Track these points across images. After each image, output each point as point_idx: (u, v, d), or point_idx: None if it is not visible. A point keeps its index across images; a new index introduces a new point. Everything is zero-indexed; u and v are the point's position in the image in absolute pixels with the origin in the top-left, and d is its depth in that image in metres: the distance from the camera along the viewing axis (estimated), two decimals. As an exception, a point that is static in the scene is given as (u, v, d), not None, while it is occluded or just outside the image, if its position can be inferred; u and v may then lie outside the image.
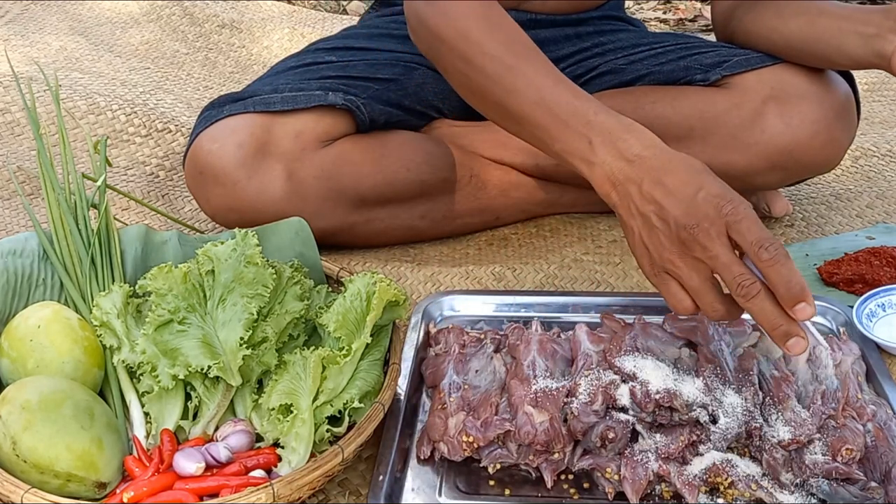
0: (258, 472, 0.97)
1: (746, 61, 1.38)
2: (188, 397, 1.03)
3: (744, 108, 1.35)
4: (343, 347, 1.03)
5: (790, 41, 1.35)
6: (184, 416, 1.03)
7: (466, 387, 1.04)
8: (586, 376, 1.00)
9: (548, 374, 1.04)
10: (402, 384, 1.09)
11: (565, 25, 1.55)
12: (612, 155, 1.01)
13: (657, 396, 0.96)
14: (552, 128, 1.06)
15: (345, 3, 3.06)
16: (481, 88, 1.13)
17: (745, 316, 0.96)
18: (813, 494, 0.95)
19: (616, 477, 0.97)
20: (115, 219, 1.28)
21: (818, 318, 1.22)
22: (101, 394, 1.06)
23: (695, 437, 0.97)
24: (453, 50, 1.14)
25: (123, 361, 1.04)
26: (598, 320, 1.14)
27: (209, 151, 1.32)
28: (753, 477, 0.94)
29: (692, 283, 0.94)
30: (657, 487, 0.97)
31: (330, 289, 1.17)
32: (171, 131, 1.81)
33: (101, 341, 1.07)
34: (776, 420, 0.97)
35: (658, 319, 1.12)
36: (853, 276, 1.32)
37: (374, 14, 1.67)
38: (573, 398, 0.98)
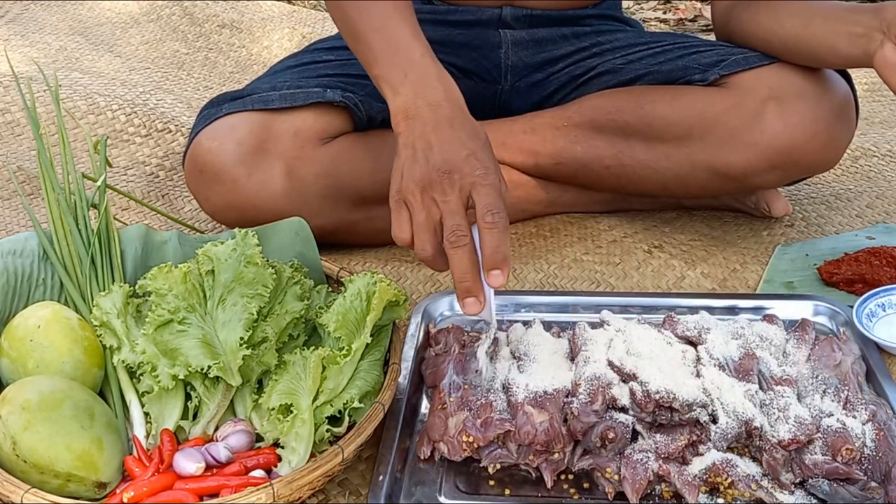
0: (258, 472, 0.97)
1: (745, 60, 1.38)
2: (188, 397, 1.03)
3: (743, 108, 1.35)
4: (343, 347, 1.03)
5: (785, 42, 1.35)
6: (184, 416, 1.03)
7: (466, 387, 1.04)
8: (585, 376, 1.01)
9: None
10: (403, 384, 1.09)
11: (562, 24, 1.55)
12: (417, 93, 1.10)
13: (657, 396, 0.96)
14: (379, 52, 1.16)
15: (345, 3, 3.05)
16: (344, 8, 1.22)
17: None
18: (813, 494, 0.95)
19: (616, 477, 0.97)
20: (115, 219, 1.28)
21: (818, 318, 1.22)
22: (101, 394, 1.06)
23: (695, 437, 0.97)
24: None
25: (123, 361, 1.04)
26: (599, 320, 1.14)
27: (209, 150, 1.32)
28: (753, 477, 0.94)
29: (418, 217, 1.01)
30: (657, 487, 0.97)
31: (330, 289, 1.17)
32: (171, 131, 1.81)
33: (101, 341, 1.07)
34: (776, 420, 0.97)
35: (658, 319, 1.12)
36: (853, 276, 1.32)
37: (371, 15, 1.67)
38: (573, 398, 0.98)
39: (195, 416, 1.03)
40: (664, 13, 3.10)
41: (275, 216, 1.23)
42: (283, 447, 0.99)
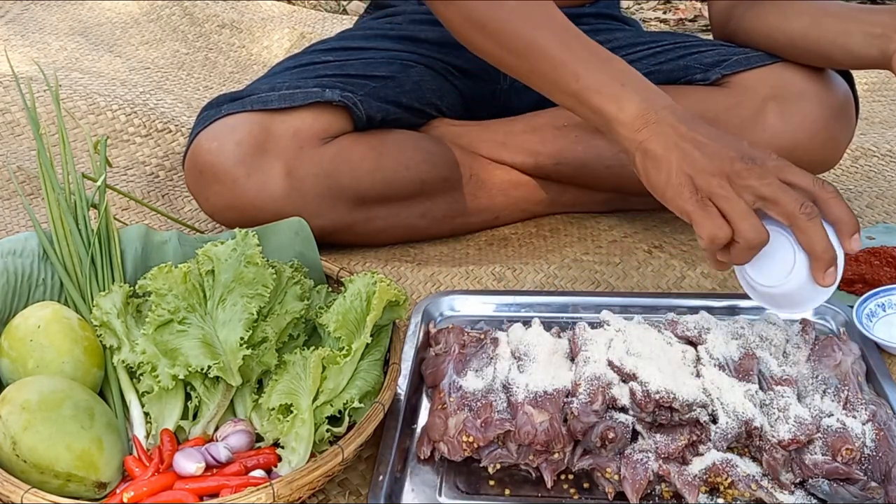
0: (258, 472, 0.97)
1: (746, 60, 1.38)
2: (188, 397, 1.03)
3: (744, 108, 1.35)
4: (343, 347, 1.03)
5: (793, 40, 1.35)
6: (184, 416, 1.03)
7: (466, 387, 1.04)
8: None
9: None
10: (402, 384, 1.09)
11: None
12: (645, 98, 1.05)
13: (657, 396, 0.96)
14: (580, 65, 1.09)
15: (345, 3, 3.06)
16: (499, 20, 1.14)
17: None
18: (813, 494, 0.95)
19: (616, 477, 0.97)
20: (115, 219, 1.28)
21: (816, 319, 1.22)
22: (101, 394, 1.06)
23: (695, 437, 0.97)
24: None
25: (123, 361, 1.04)
26: (599, 320, 1.14)
27: (208, 150, 1.32)
28: (753, 477, 0.94)
29: (737, 206, 0.97)
30: (657, 487, 0.97)
31: (330, 289, 1.17)
32: (171, 131, 1.81)
33: (101, 341, 1.07)
34: (776, 420, 0.97)
35: (658, 319, 1.12)
36: (853, 276, 1.32)
37: (368, 17, 1.67)
38: (573, 398, 0.98)
39: (195, 416, 1.03)
40: (664, 13, 3.10)
41: (274, 216, 1.23)
42: (283, 447, 0.99)
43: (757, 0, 1.41)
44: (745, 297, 1.27)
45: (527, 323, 1.13)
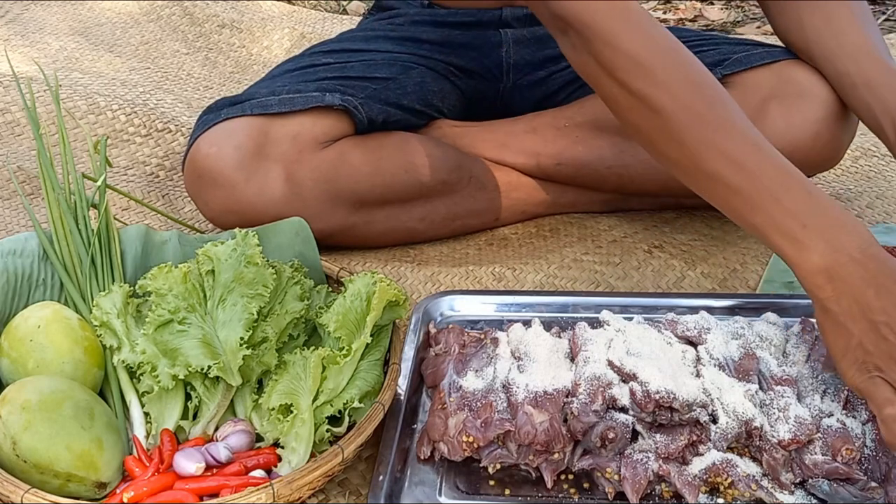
0: (258, 472, 0.97)
1: (747, 59, 1.38)
2: (188, 397, 1.03)
3: (746, 107, 1.34)
4: (343, 347, 1.03)
5: (839, 80, 1.33)
6: (184, 416, 1.03)
7: (466, 387, 1.04)
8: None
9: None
10: (402, 384, 1.09)
11: None
12: (830, 245, 0.92)
13: (657, 396, 0.96)
14: (755, 197, 0.95)
15: (345, 3, 3.06)
16: (668, 136, 0.99)
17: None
18: (813, 494, 0.95)
19: (616, 477, 0.97)
20: (115, 219, 1.28)
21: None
22: (101, 394, 1.06)
23: (695, 437, 0.97)
24: (626, 85, 1.00)
25: (123, 361, 1.04)
26: (599, 320, 1.14)
27: (207, 154, 1.32)
28: (753, 477, 0.94)
29: None
30: (657, 487, 0.97)
31: (330, 289, 1.17)
32: (171, 131, 1.81)
33: (101, 341, 1.07)
34: (776, 420, 0.97)
35: (658, 319, 1.12)
36: (853, 276, 1.32)
37: (370, 19, 1.67)
38: (573, 398, 0.98)
39: (195, 416, 1.03)
40: (664, 13, 3.10)
41: (274, 220, 1.23)
42: (283, 447, 0.99)
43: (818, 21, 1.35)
44: (744, 296, 1.28)
45: (527, 323, 1.12)
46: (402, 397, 1.08)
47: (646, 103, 0.99)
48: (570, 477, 1.00)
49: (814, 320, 1.19)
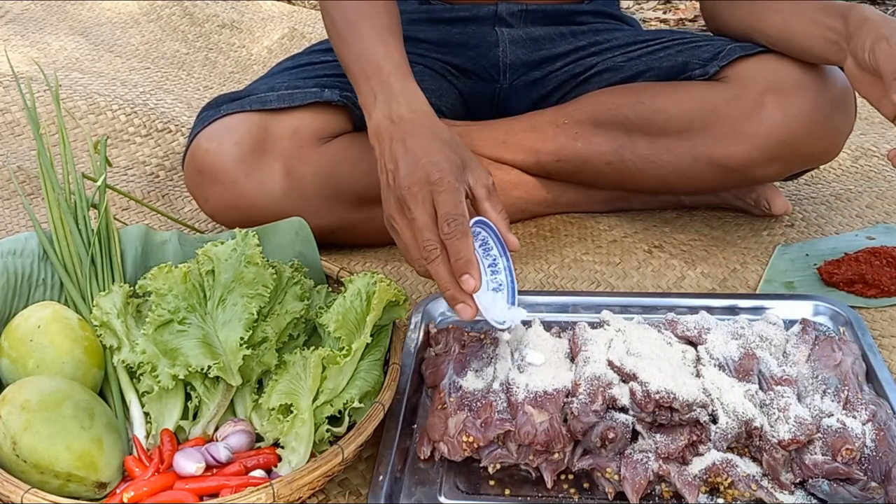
0: (258, 472, 0.97)
1: (741, 48, 1.39)
2: (188, 397, 1.03)
3: (743, 100, 1.36)
4: (343, 347, 1.03)
5: (770, 39, 1.37)
6: (184, 416, 1.03)
7: (466, 387, 1.04)
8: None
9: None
10: (403, 384, 1.09)
11: (558, 21, 1.55)
12: (383, 112, 1.14)
13: (657, 396, 0.96)
14: (358, 81, 1.21)
15: (345, 3, 3.06)
16: (333, 38, 1.28)
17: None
18: (813, 494, 0.95)
19: (616, 477, 0.97)
20: (115, 219, 1.28)
21: (818, 318, 1.22)
22: (101, 394, 1.06)
23: (695, 437, 0.97)
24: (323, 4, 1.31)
25: (123, 361, 1.04)
26: (599, 320, 1.14)
27: (207, 150, 1.32)
28: (753, 477, 0.94)
29: (404, 238, 1.05)
30: (657, 487, 0.97)
31: (330, 289, 1.17)
32: (171, 131, 1.81)
33: (101, 341, 1.07)
34: (776, 420, 0.97)
35: (658, 319, 1.12)
36: (853, 276, 1.32)
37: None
38: (573, 398, 0.98)
39: (195, 416, 1.03)
40: (664, 13, 3.10)
41: (274, 216, 1.23)
42: (283, 447, 0.99)
43: (733, 0, 1.42)
44: (744, 297, 1.28)
45: (527, 323, 1.12)
46: (402, 397, 1.08)
47: (324, 8, 1.30)
48: (570, 477, 1.00)
49: (814, 320, 1.19)
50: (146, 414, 1.03)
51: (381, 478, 0.98)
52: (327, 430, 0.99)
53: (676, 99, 1.39)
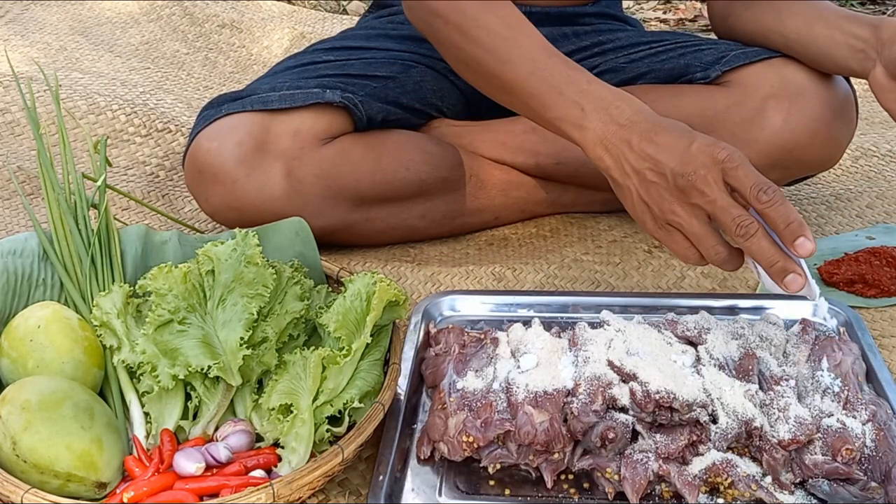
0: (258, 472, 0.97)
1: (744, 55, 1.39)
2: (188, 397, 1.03)
3: (744, 106, 1.36)
4: (343, 347, 1.03)
5: (788, 41, 1.36)
6: (184, 416, 1.03)
7: (466, 387, 1.04)
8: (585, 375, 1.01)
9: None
10: (402, 384, 1.09)
11: (562, 22, 1.55)
12: (604, 120, 1.06)
13: (657, 396, 0.96)
14: (546, 96, 1.11)
15: (345, 2, 3.06)
16: (476, 60, 1.18)
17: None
18: (813, 494, 0.95)
19: (616, 477, 0.97)
20: (115, 219, 1.28)
21: (818, 319, 1.22)
22: (101, 394, 1.06)
23: (695, 437, 0.97)
24: (448, 23, 1.20)
25: (123, 361, 1.04)
26: (599, 320, 1.14)
27: (208, 150, 1.32)
28: (753, 477, 0.94)
29: (693, 229, 0.98)
30: (657, 487, 0.97)
31: (330, 289, 1.17)
32: (171, 131, 1.81)
33: (101, 341, 1.07)
34: (776, 420, 0.97)
35: (658, 319, 1.12)
36: (853, 276, 1.32)
37: (370, 16, 1.67)
38: (573, 398, 0.98)
39: (195, 416, 1.03)
40: (664, 13, 3.10)
41: (274, 217, 1.23)
42: (283, 447, 0.99)
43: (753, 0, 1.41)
44: (744, 297, 1.28)
45: (527, 323, 1.13)
46: (402, 397, 1.08)
47: (458, 29, 1.19)
48: (570, 477, 1.00)
49: (814, 320, 1.19)
50: (146, 414, 1.03)
51: (381, 478, 0.98)
52: (327, 430, 0.99)
53: (677, 104, 1.39)
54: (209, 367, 1.00)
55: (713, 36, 1.56)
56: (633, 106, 1.07)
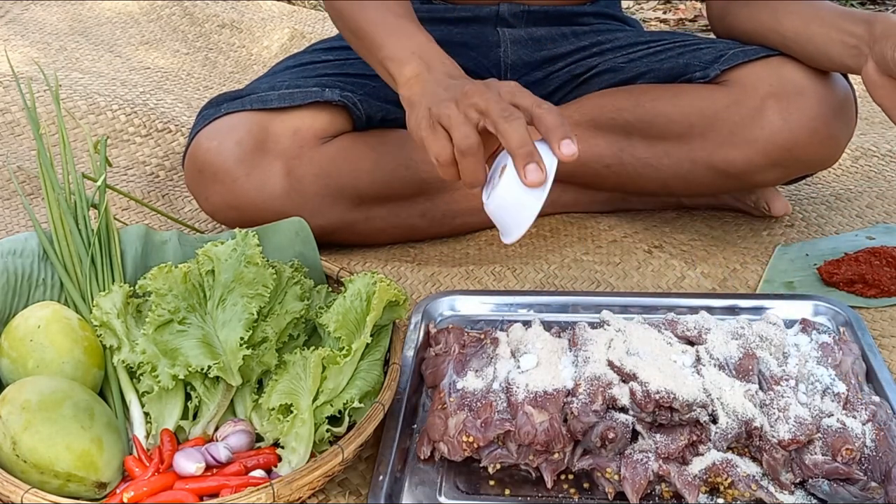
0: (258, 472, 0.97)
1: (743, 54, 1.39)
2: (188, 397, 1.03)
3: (743, 105, 1.35)
4: (343, 347, 1.03)
5: (785, 40, 1.36)
6: (184, 416, 1.03)
7: (466, 387, 1.04)
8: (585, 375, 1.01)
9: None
10: (403, 384, 1.09)
11: (560, 22, 1.55)
12: (425, 64, 1.14)
13: (657, 396, 0.96)
14: (386, 37, 1.20)
15: (345, 3, 3.06)
16: (341, 9, 1.28)
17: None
18: (813, 494, 0.95)
19: (616, 477, 0.97)
20: (115, 219, 1.28)
21: (818, 318, 1.22)
22: (101, 394, 1.06)
23: (695, 437, 0.97)
24: None
25: (123, 361, 1.04)
26: (599, 320, 1.14)
27: (208, 149, 1.32)
28: (753, 477, 0.94)
29: (457, 119, 1.02)
30: (657, 487, 0.97)
31: (330, 289, 1.17)
32: (171, 131, 1.81)
33: (101, 341, 1.07)
34: (776, 420, 0.97)
35: (658, 319, 1.12)
36: (853, 276, 1.32)
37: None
38: (573, 398, 0.98)
39: (195, 416, 1.03)
40: (664, 13, 3.10)
41: (274, 216, 1.23)
42: (283, 447, 0.99)
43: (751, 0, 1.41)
44: (744, 297, 1.28)
45: (527, 323, 1.13)
46: (402, 397, 1.08)
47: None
48: (570, 477, 1.00)
49: (814, 320, 1.19)
50: (146, 414, 1.03)
51: (381, 478, 0.98)
52: (327, 430, 0.99)
53: (677, 103, 1.39)
54: (209, 367, 1.00)
55: (712, 36, 1.56)
56: (459, 69, 1.15)
